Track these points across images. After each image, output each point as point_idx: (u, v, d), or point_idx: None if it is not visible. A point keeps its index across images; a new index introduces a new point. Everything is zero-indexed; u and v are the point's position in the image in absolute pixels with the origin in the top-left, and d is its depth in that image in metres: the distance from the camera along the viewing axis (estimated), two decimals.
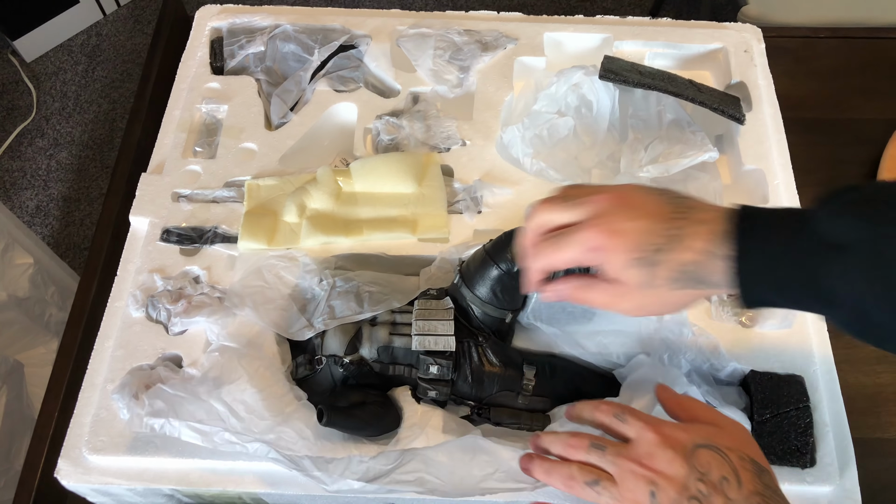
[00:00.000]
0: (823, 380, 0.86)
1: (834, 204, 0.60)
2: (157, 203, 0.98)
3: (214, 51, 1.14)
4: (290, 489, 0.80)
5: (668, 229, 0.64)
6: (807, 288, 0.60)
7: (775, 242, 0.61)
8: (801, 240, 0.59)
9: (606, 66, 1.01)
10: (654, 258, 0.64)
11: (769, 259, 0.61)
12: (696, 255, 0.63)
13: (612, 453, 0.65)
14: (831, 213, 0.59)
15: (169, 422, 0.77)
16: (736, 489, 0.61)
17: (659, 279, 0.64)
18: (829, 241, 0.58)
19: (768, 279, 0.61)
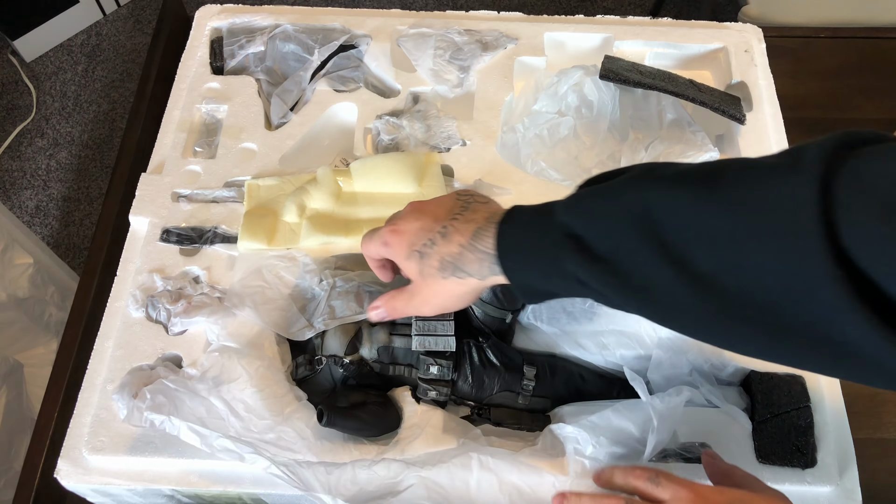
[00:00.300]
0: (823, 380, 0.86)
1: (572, 196, 0.64)
2: (157, 203, 0.98)
3: (214, 51, 1.14)
4: (289, 490, 0.80)
5: (441, 227, 0.72)
6: (560, 272, 0.63)
7: (529, 234, 0.66)
8: (548, 228, 0.64)
9: (607, 65, 1.01)
10: (425, 251, 0.72)
11: (525, 251, 0.66)
12: (457, 248, 0.70)
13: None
14: (570, 209, 0.63)
15: (169, 419, 0.77)
16: None
17: (428, 268, 0.72)
18: (567, 230, 0.62)
19: (530, 267, 0.66)
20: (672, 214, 0.55)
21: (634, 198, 0.57)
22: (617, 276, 0.58)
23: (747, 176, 0.53)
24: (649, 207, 0.56)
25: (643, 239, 0.56)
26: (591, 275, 0.60)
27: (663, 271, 0.55)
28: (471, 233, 0.70)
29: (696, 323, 0.56)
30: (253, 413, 0.79)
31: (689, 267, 0.53)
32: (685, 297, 0.54)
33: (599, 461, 0.78)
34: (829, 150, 0.49)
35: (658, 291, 0.56)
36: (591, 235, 0.60)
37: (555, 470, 0.77)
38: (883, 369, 0.47)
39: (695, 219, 0.53)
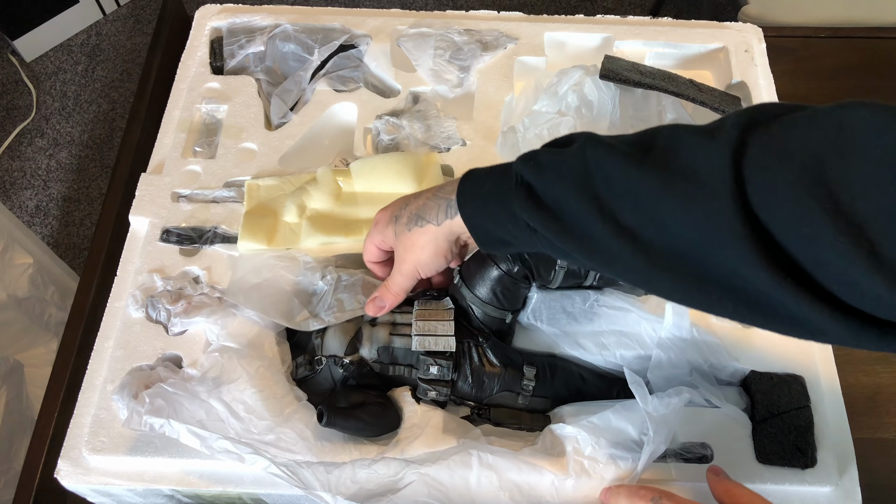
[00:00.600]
0: (824, 380, 0.86)
1: (529, 153, 0.68)
2: (157, 203, 0.98)
3: (214, 50, 1.14)
4: (290, 490, 0.80)
5: (413, 197, 0.79)
6: (512, 219, 0.67)
7: (486, 182, 0.71)
8: (503, 178, 0.68)
9: (607, 65, 1.01)
10: (399, 214, 0.79)
11: (481, 197, 0.70)
12: (423, 201, 0.77)
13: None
14: (525, 159, 0.67)
15: (169, 422, 0.77)
16: None
17: (400, 227, 0.79)
18: (519, 180, 0.66)
19: (484, 212, 0.70)
20: (605, 171, 0.59)
21: (579, 155, 0.62)
22: (559, 224, 0.62)
23: (674, 141, 0.57)
24: (588, 164, 0.60)
25: (580, 191, 0.60)
26: (538, 221, 0.63)
27: (594, 222, 0.59)
28: (437, 188, 0.77)
29: (626, 270, 0.60)
30: (253, 414, 0.79)
31: (617, 219, 0.58)
32: (615, 247, 0.59)
33: (599, 461, 0.78)
34: (746, 119, 0.54)
35: (593, 241, 0.60)
36: (539, 185, 0.64)
37: (555, 469, 0.78)
38: (794, 321, 0.51)
39: (624, 177, 0.58)
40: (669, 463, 0.81)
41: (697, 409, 0.83)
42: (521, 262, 0.81)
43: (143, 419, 0.77)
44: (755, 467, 0.81)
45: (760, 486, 0.80)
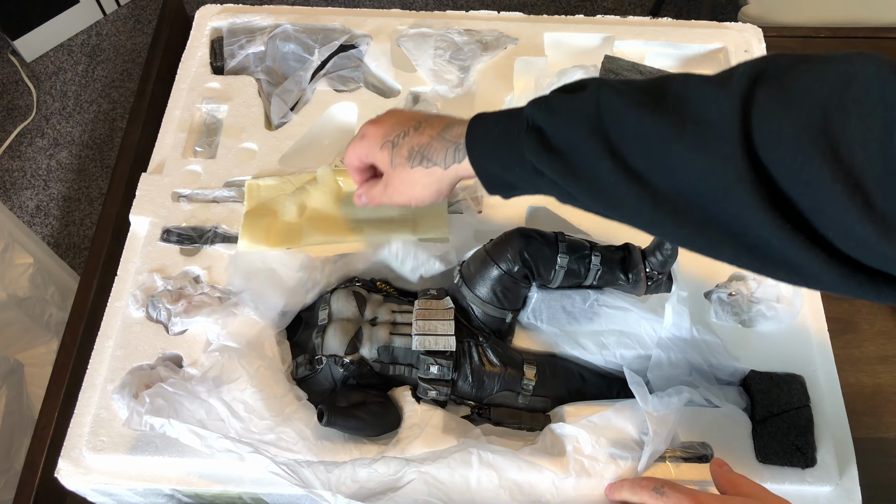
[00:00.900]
0: (823, 380, 0.87)
1: (541, 98, 0.68)
2: (158, 203, 0.98)
3: (214, 51, 1.14)
4: (290, 489, 0.80)
5: (415, 123, 0.79)
6: (520, 163, 0.68)
7: (497, 125, 0.71)
8: (514, 122, 0.68)
9: (607, 65, 1.01)
10: (397, 141, 0.79)
11: (493, 138, 0.71)
12: (426, 139, 0.77)
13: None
14: (536, 103, 0.67)
15: (169, 422, 0.77)
16: None
17: (398, 158, 0.78)
18: (530, 124, 0.66)
19: (493, 156, 0.71)
20: (618, 116, 0.60)
21: (592, 99, 0.62)
22: (567, 167, 0.63)
23: (686, 90, 0.58)
24: (600, 108, 0.61)
25: (591, 134, 0.61)
26: (546, 163, 0.64)
27: (604, 164, 0.60)
28: (442, 126, 0.77)
29: (632, 213, 0.61)
30: (253, 413, 0.79)
31: (626, 162, 0.59)
32: (622, 189, 0.60)
33: (599, 460, 0.78)
34: (756, 69, 0.55)
35: (600, 183, 0.61)
36: (549, 128, 0.65)
37: (555, 468, 0.78)
38: (790, 266, 0.53)
39: (635, 122, 0.59)
40: (669, 462, 0.81)
41: (697, 409, 0.83)
42: (521, 262, 0.82)
43: (144, 419, 0.77)
44: (755, 467, 0.81)
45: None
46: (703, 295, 0.92)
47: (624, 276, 0.85)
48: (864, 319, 1.01)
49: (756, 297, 0.91)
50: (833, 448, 0.82)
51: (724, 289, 0.92)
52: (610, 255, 0.85)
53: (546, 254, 0.82)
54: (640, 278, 0.84)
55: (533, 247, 0.82)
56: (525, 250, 0.82)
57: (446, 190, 0.78)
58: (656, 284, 0.85)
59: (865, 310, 1.01)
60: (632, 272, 0.84)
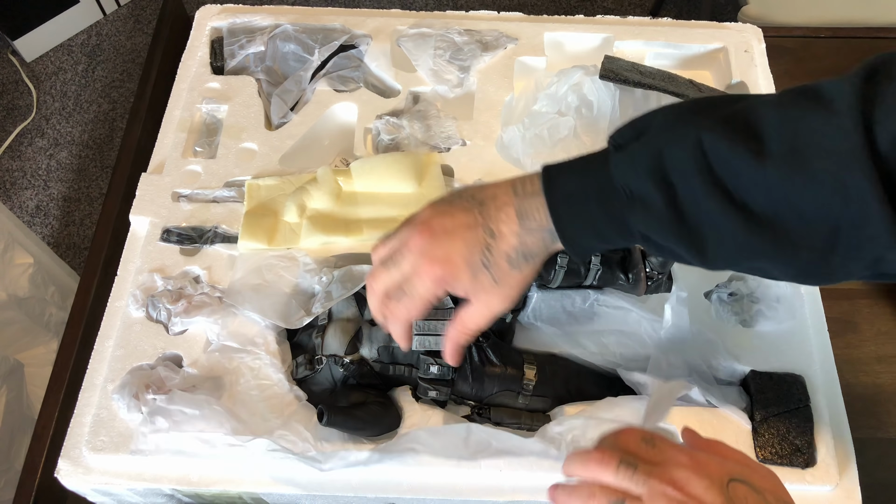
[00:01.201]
0: (823, 380, 0.86)
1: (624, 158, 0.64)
2: (158, 203, 0.98)
3: (214, 50, 1.14)
4: (290, 489, 0.80)
5: (482, 231, 0.69)
6: (622, 233, 0.65)
7: (585, 201, 0.65)
8: (607, 194, 0.64)
9: (607, 65, 1.01)
10: (488, 261, 0.69)
11: (585, 216, 0.65)
12: (515, 240, 0.68)
13: (644, 472, 0.62)
14: (626, 169, 0.63)
15: (172, 435, 0.78)
16: None
17: (500, 272, 0.69)
18: (629, 194, 0.62)
19: (590, 233, 0.66)
20: (731, 167, 0.58)
21: (692, 148, 0.60)
22: (685, 227, 0.61)
23: (786, 122, 0.57)
24: (708, 158, 0.59)
25: (708, 188, 0.59)
26: (661, 231, 0.62)
27: (730, 216, 0.59)
28: (515, 217, 0.69)
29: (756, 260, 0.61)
30: (255, 415, 0.79)
31: (750, 210, 0.58)
32: (749, 238, 0.59)
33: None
34: (858, 85, 0.54)
35: (725, 237, 0.60)
36: (655, 193, 0.61)
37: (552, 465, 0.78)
38: None
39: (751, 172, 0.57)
40: None
41: (697, 409, 0.83)
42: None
43: (149, 438, 0.79)
44: None
45: None
46: (703, 295, 0.92)
47: (624, 275, 0.85)
48: (864, 319, 1.00)
49: (756, 296, 0.91)
50: (833, 448, 0.82)
51: (725, 288, 0.91)
52: (610, 254, 0.85)
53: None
54: (640, 278, 0.84)
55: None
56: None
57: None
58: (656, 284, 0.84)
59: (866, 310, 1.01)
60: (632, 272, 0.84)
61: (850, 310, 1.01)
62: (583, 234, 0.66)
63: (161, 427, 0.79)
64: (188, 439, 0.79)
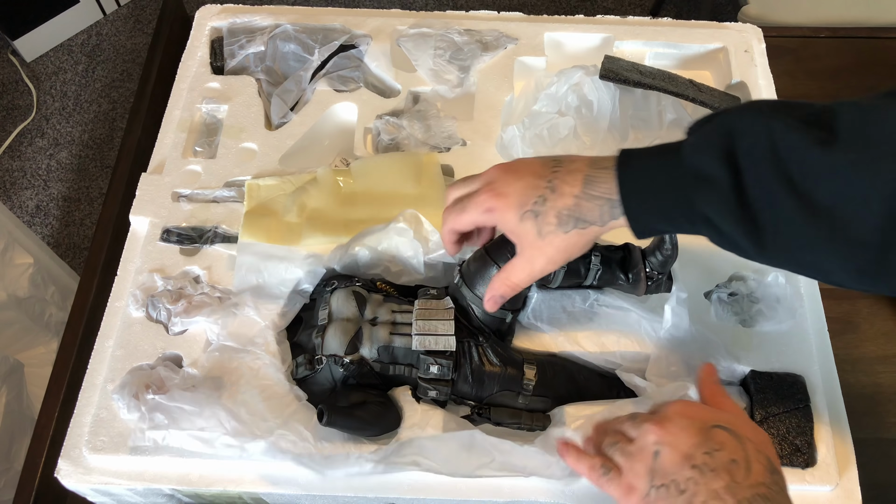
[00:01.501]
0: (823, 380, 0.86)
1: (698, 138, 0.66)
2: (158, 203, 0.98)
3: (214, 50, 1.14)
4: (290, 489, 0.80)
5: (546, 183, 0.72)
6: (686, 214, 0.66)
7: (654, 177, 0.67)
8: (676, 172, 0.65)
9: (607, 65, 1.01)
10: (538, 209, 0.72)
11: (652, 191, 0.67)
12: (572, 200, 0.71)
13: (627, 439, 0.69)
14: (699, 149, 0.65)
15: (170, 433, 0.78)
16: (744, 474, 0.63)
17: (547, 226, 0.72)
18: (697, 173, 0.64)
19: (654, 210, 0.68)
20: (798, 153, 0.59)
21: (762, 135, 0.61)
22: (746, 212, 0.61)
23: (861, 115, 0.58)
24: (776, 146, 0.60)
25: (772, 174, 0.60)
26: (721, 213, 0.63)
27: (789, 204, 0.59)
28: (581, 182, 0.71)
29: (811, 254, 0.61)
30: (255, 415, 0.79)
31: (812, 200, 0.58)
32: (806, 229, 0.59)
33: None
34: None
35: (783, 225, 0.60)
36: (720, 175, 0.62)
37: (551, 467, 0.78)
38: None
39: (818, 160, 0.58)
40: None
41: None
42: None
43: (147, 435, 0.79)
44: None
45: None
46: (703, 295, 0.92)
47: (624, 275, 0.85)
48: (864, 319, 1.01)
49: (756, 296, 0.91)
50: (833, 448, 0.82)
51: (725, 289, 0.92)
52: (610, 254, 0.85)
53: None
54: (640, 278, 0.83)
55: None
56: None
57: (593, 242, 0.74)
58: (656, 284, 0.84)
59: (865, 310, 1.01)
60: (632, 272, 0.84)
61: (850, 310, 1.01)
62: (647, 209, 0.68)
63: (160, 424, 0.79)
64: (188, 439, 0.79)
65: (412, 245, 0.89)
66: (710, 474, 0.63)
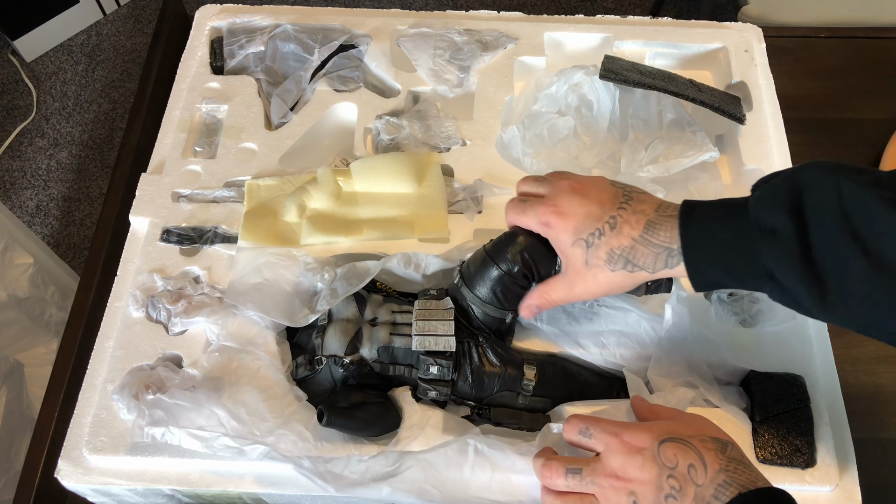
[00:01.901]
0: (823, 379, 0.86)
1: (764, 192, 0.65)
2: (157, 203, 0.98)
3: (214, 50, 1.14)
4: (289, 489, 0.80)
5: (609, 217, 0.72)
6: (749, 266, 0.65)
7: (718, 229, 0.67)
8: (741, 225, 0.65)
9: (607, 65, 1.01)
10: (592, 241, 0.72)
11: (715, 243, 0.67)
12: (629, 241, 0.71)
13: (589, 473, 0.69)
14: (766, 203, 0.64)
15: (169, 430, 0.78)
16: (703, 473, 0.64)
17: (595, 259, 0.72)
18: (762, 226, 0.63)
19: (716, 261, 0.67)
20: (866, 209, 0.58)
21: (829, 191, 0.60)
22: (811, 267, 0.61)
23: None
24: (842, 202, 0.59)
25: (838, 231, 0.59)
26: (785, 269, 0.62)
27: (855, 262, 0.58)
28: (643, 225, 0.71)
29: (878, 312, 0.59)
30: (254, 415, 0.79)
31: (880, 258, 0.58)
32: (873, 287, 0.58)
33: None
34: None
35: (849, 283, 0.59)
36: (786, 229, 0.62)
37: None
38: None
39: (886, 217, 0.57)
40: None
41: (697, 410, 0.83)
42: (521, 262, 0.81)
43: (145, 431, 0.78)
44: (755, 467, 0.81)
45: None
46: (703, 295, 0.92)
47: None
48: None
49: (756, 297, 0.91)
50: (833, 448, 0.82)
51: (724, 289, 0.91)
52: None
53: (546, 254, 0.82)
54: None
55: (533, 247, 0.82)
56: (525, 250, 0.81)
57: (638, 285, 0.75)
58: (656, 285, 0.84)
59: None
60: None
61: None
62: (708, 260, 0.67)
63: (159, 420, 0.79)
64: (187, 439, 0.78)
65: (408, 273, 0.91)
66: (681, 494, 0.64)
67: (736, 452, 0.66)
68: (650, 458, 0.66)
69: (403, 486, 0.77)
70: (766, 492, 0.63)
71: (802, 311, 0.65)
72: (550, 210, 0.75)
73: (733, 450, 0.66)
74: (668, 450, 0.66)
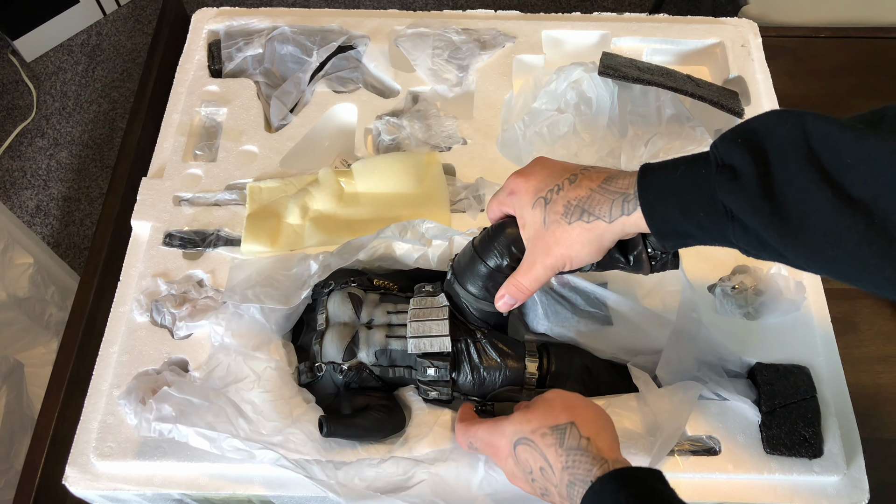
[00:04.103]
0: (828, 371, 0.87)
1: (725, 133, 0.63)
2: (159, 207, 0.98)
3: (212, 53, 1.14)
4: (298, 491, 0.81)
5: (570, 175, 0.72)
6: (707, 207, 0.63)
7: (675, 171, 0.65)
8: (698, 167, 0.63)
9: (605, 62, 1.01)
10: (550, 197, 0.71)
11: (671, 185, 0.65)
12: (586, 191, 0.69)
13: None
14: (724, 141, 0.62)
15: (177, 427, 0.77)
16: (552, 475, 0.67)
17: (552, 214, 0.71)
18: (721, 163, 0.61)
19: (674, 204, 0.65)
20: (832, 143, 0.56)
21: (793, 129, 0.58)
22: (769, 204, 0.58)
23: None
24: (808, 135, 0.57)
25: (802, 165, 0.57)
26: (742, 202, 0.60)
27: (820, 195, 0.56)
28: (602, 178, 0.70)
29: (842, 249, 0.57)
30: (261, 415, 0.79)
31: (846, 192, 0.55)
32: (843, 223, 0.56)
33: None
34: None
35: (812, 218, 0.57)
36: (744, 163, 0.60)
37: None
38: None
39: (854, 147, 0.55)
40: (678, 456, 0.81)
41: (705, 401, 0.83)
42: (509, 256, 0.78)
43: (152, 426, 0.78)
44: (763, 458, 0.81)
45: (768, 477, 0.81)
46: (707, 288, 0.92)
47: (623, 258, 0.79)
48: (864, 320, 1.01)
49: (760, 289, 0.91)
50: (839, 438, 0.82)
51: (728, 282, 0.92)
52: None
53: None
54: (642, 259, 0.78)
55: (521, 240, 0.78)
56: (513, 244, 0.78)
57: (607, 246, 0.71)
58: (661, 263, 0.78)
59: (866, 310, 1.01)
60: (632, 254, 0.79)
61: (850, 310, 1.01)
62: (664, 203, 0.65)
63: (167, 415, 0.78)
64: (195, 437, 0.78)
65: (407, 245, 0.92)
66: (549, 495, 0.69)
67: (573, 439, 0.67)
68: (514, 465, 0.71)
69: (414, 501, 0.77)
70: (606, 478, 0.63)
71: (768, 254, 0.62)
72: (515, 176, 0.76)
73: (571, 435, 0.67)
74: (522, 454, 0.70)
